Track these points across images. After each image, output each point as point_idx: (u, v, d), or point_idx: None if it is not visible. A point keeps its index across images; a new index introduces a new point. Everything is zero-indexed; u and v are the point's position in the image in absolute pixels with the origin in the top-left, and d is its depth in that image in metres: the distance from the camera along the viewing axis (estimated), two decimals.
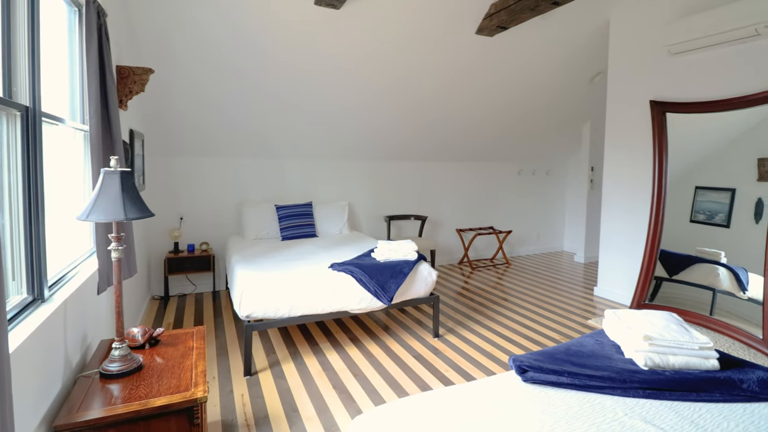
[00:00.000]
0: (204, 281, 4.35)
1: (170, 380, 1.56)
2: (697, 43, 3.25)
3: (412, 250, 3.24)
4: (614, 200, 4.19)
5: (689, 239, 3.51)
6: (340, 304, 2.83)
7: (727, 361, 1.72)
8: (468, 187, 5.84)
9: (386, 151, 5.08)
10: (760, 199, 3.05)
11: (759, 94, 3.00)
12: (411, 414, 1.40)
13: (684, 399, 1.50)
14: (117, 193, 1.50)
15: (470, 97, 4.61)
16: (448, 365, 2.77)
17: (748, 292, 3.11)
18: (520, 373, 1.62)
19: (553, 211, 6.57)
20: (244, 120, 4.03)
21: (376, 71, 3.91)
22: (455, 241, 5.78)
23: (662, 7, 3.64)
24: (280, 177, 4.67)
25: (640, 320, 1.83)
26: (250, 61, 3.48)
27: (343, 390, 2.45)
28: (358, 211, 5.15)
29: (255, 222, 4.20)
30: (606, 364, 1.67)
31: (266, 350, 2.96)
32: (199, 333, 2.00)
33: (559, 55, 4.41)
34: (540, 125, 5.49)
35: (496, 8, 3.55)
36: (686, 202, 3.54)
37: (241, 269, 2.92)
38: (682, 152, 3.57)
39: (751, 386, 1.54)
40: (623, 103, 4.05)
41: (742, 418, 1.41)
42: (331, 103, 4.14)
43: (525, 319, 3.64)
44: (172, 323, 3.47)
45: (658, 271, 3.67)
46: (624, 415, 1.41)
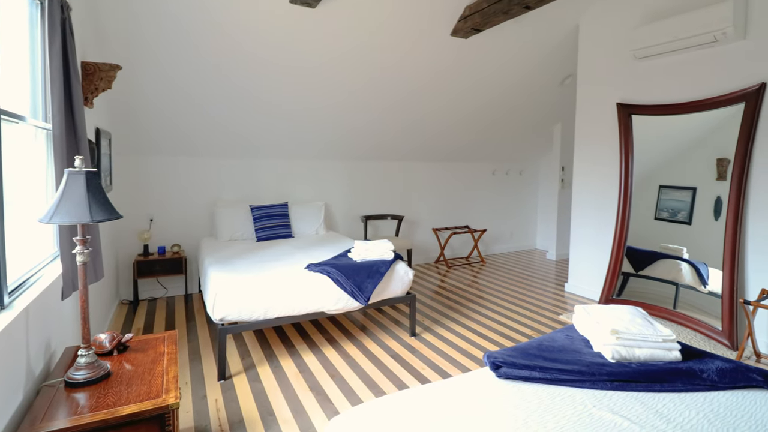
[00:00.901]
0: (175, 284, 4.24)
1: (140, 387, 1.51)
2: (660, 48, 3.39)
3: (388, 249, 3.25)
4: (584, 199, 4.32)
5: (654, 236, 3.66)
6: (317, 305, 2.81)
7: (688, 353, 1.80)
8: (444, 187, 5.91)
9: (363, 150, 5.07)
10: (718, 197, 3.21)
11: (718, 97, 3.16)
12: (387, 413, 1.41)
13: (649, 390, 1.56)
14: (82, 195, 1.45)
15: (446, 99, 4.66)
16: (424, 363, 2.80)
17: (709, 286, 3.27)
18: (494, 369, 1.65)
19: (526, 210, 6.72)
20: (216, 119, 3.95)
21: (352, 71, 3.90)
22: (432, 240, 5.83)
23: (628, 13, 3.78)
24: (255, 177, 4.60)
25: (608, 315, 1.89)
26: (222, 59, 3.41)
27: (320, 391, 2.44)
28: (334, 211, 5.13)
29: (229, 223, 4.12)
30: (576, 358, 1.73)
31: (241, 353, 2.91)
32: (171, 338, 1.95)
33: (531, 58, 4.51)
34: (514, 126, 5.60)
35: (471, 11, 3.61)
36: (651, 200, 3.69)
37: (215, 271, 2.86)
38: (647, 152, 3.71)
39: (710, 376, 1.62)
40: (592, 105, 4.18)
41: (703, 407, 1.48)
42: (306, 103, 4.10)
43: (499, 316, 3.71)
44: (142, 328, 3.36)
45: (625, 267, 3.82)
46: (593, 407, 1.46)
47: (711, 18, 3.03)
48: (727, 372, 1.63)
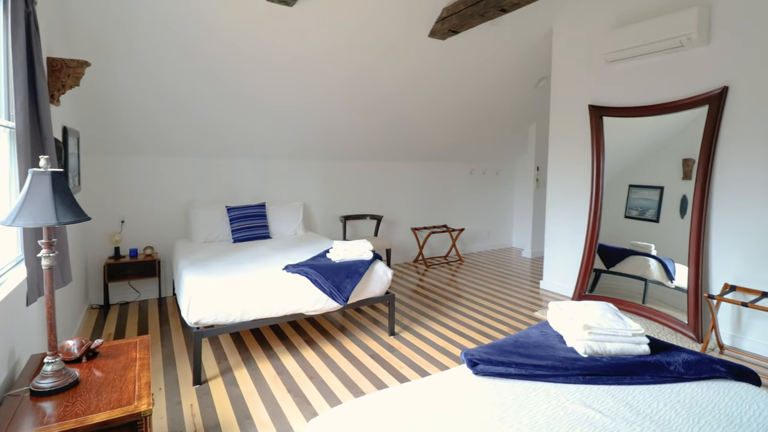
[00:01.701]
0: (148, 288, 4.12)
1: (111, 394, 1.47)
2: (629, 52, 3.50)
3: (367, 249, 3.25)
4: (557, 198, 4.43)
5: (624, 234, 3.79)
6: (295, 307, 2.78)
7: (656, 346, 1.87)
8: (422, 187, 5.95)
9: (342, 150, 5.06)
10: (684, 196, 3.34)
11: (683, 100, 3.29)
12: (366, 413, 1.41)
13: (619, 383, 1.62)
14: (47, 196, 1.39)
15: (424, 99, 4.69)
16: (403, 362, 2.81)
17: (675, 281, 3.40)
18: (471, 367, 1.68)
19: (502, 209, 6.84)
20: (190, 117, 3.86)
21: (330, 70, 3.88)
22: (410, 239, 5.87)
23: (599, 18, 3.90)
24: (231, 177, 4.52)
25: (580, 311, 1.95)
26: (197, 56, 3.34)
27: (298, 393, 2.42)
28: (313, 212, 5.09)
29: (204, 224, 4.04)
30: (550, 353, 1.77)
31: (217, 357, 2.86)
32: (143, 342, 1.90)
33: (507, 60, 4.59)
34: (491, 127, 5.69)
35: (448, 12, 3.65)
36: (621, 199, 3.81)
37: (189, 273, 2.80)
38: (617, 153, 3.84)
39: (677, 368, 1.69)
40: (565, 106, 4.29)
41: (670, 398, 1.54)
42: (284, 101, 4.06)
43: (477, 314, 3.76)
44: (113, 333, 3.26)
45: (597, 264, 3.93)
46: (566, 401, 1.50)
47: (677, 24, 3.15)
48: (693, 364, 1.70)
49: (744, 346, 3.03)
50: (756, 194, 2.94)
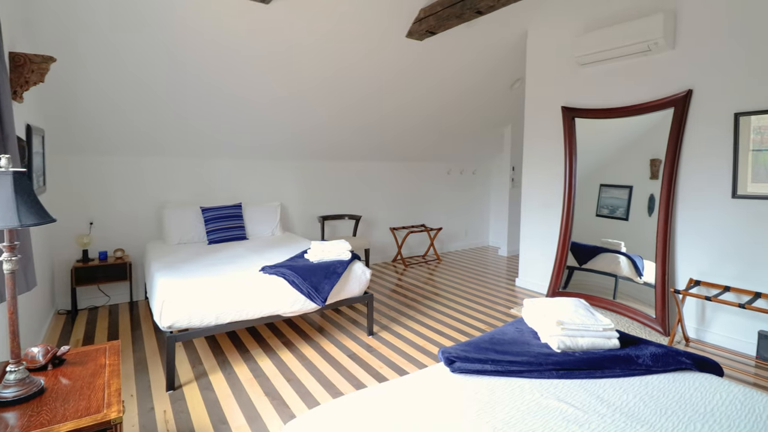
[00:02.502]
0: (119, 291, 3.99)
1: (78, 403, 1.41)
2: (600, 55, 3.60)
3: (345, 249, 3.24)
4: (532, 197, 4.52)
5: (595, 232, 3.90)
6: (272, 308, 2.75)
7: (626, 340, 1.94)
8: (401, 187, 5.97)
9: (320, 150, 5.02)
10: (652, 194, 3.47)
11: (650, 102, 3.41)
12: (344, 414, 1.41)
13: (591, 377, 1.66)
14: (9, 197, 1.33)
15: (403, 100, 4.71)
16: (382, 362, 2.82)
17: (644, 277, 3.52)
18: (449, 364, 1.69)
19: (479, 209, 6.94)
20: (163, 115, 3.75)
21: (307, 69, 3.85)
22: (389, 239, 5.88)
23: (572, 22, 4.00)
24: (206, 177, 4.43)
25: (554, 307, 2.00)
26: (170, 52, 3.25)
27: (275, 396, 2.39)
28: (291, 212, 5.04)
29: (178, 225, 3.94)
30: (525, 349, 1.81)
31: (191, 361, 2.80)
32: (113, 348, 1.84)
33: (483, 62, 4.66)
34: (467, 128, 5.76)
35: (425, 13, 3.68)
36: (592, 198, 3.92)
37: (162, 276, 2.73)
38: (589, 153, 3.94)
39: (645, 361, 1.75)
40: (539, 108, 4.39)
41: (639, 390, 1.60)
42: (261, 100, 4.00)
43: (455, 312, 3.80)
44: (82, 339, 3.14)
45: (570, 261, 4.04)
46: (540, 396, 1.53)
47: (644, 29, 3.26)
48: (660, 357, 1.77)
49: (708, 338, 3.16)
50: (717, 193, 3.08)
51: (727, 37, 2.99)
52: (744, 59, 2.92)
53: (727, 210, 3.04)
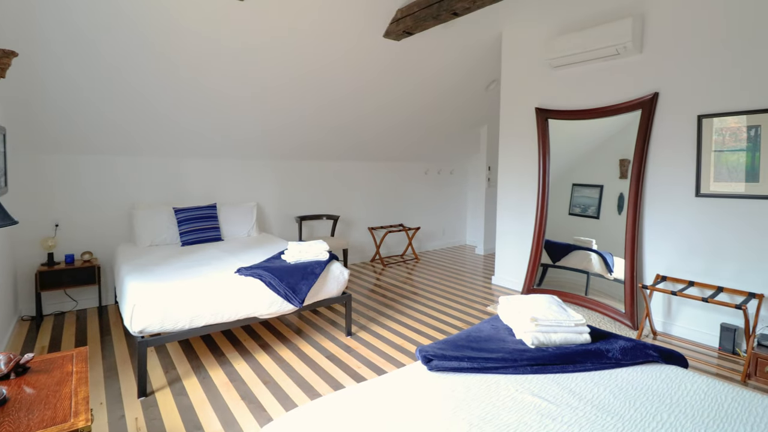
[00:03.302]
0: (87, 296, 3.85)
1: (43, 412, 1.36)
2: (572, 58, 3.70)
3: (323, 250, 3.22)
4: (507, 197, 4.60)
5: (568, 230, 4.00)
6: (249, 310, 2.71)
7: (597, 335, 2.00)
8: (379, 186, 5.98)
9: (296, 150, 4.97)
10: (621, 193, 3.58)
11: (619, 104, 3.52)
12: (321, 415, 1.40)
13: (563, 371, 1.71)
14: None
15: (380, 100, 4.71)
16: (360, 362, 2.81)
17: (614, 273, 3.63)
18: (426, 363, 1.71)
19: (456, 208, 7.02)
20: (133, 113, 3.64)
21: (282, 67, 3.80)
22: (367, 239, 5.88)
23: (544, 25, 4.09)
24: (179, 177, 4.32)
25: (528, 304, 2.04)
26: (141, 48, 3.16)
27: (252, 400, 2.35)
28: (267, 212, 4.97)
29: (149, 227, 3.83)
30: (500, 346, 1.84)
31: (164, 366, 2.72)
32: (80, 355, 1.77)
33: (460, 63, 4.71)
34: (444, 128, 5.82)
35: (402, 14, 3.69)
36: (565, 197, 4.02)
37: (133, 280, 2.65)
38: (562, 154, 4.04)
39: (614, 354, 1.81)
40: (513, 109, 4.47)
41: (609, 383, 1.65)
42: (235, 99, 3.93)
43: (432, 311, 3.83)
44: (47, 346, 3.02)
45: (544, 259, 4.13)
46: (515, 391, 1.56)
47: (613, 33, 3.36)
48: (629, 350, 1.83)
49: (674, 331, 3.29)
50: (682, 192, 3.21)
51: (692, 42, 3.11)
52: (707, 64, 3.05)
53: (691, 208, 3.17)
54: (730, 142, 2.96)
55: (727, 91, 2.95)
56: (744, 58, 2.87)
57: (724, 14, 2.94)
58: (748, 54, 2.85)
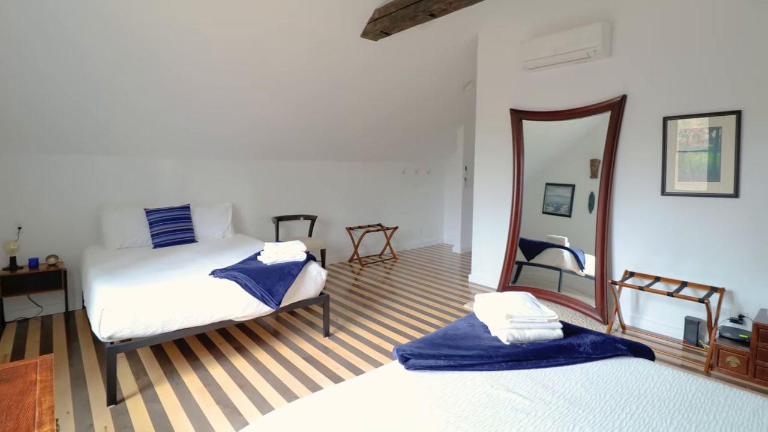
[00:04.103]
0: (53, 301, 3.70)
1: (5, 424, 1.29)
2: (545, 61, 3.78)
3: (300, 250, 3.19)
4: (483, 196, 4.67)
5: (542, 228, 4.10)
6: (224, 313, 2.65)
7: (569, 330, 2.05)
8: (357, 186, 5.96)
9: (273, 149, 4.91)
10: (592, 192, 3.69)
11: (590, 106, 3.62)
12: (298, 417, 1.39)
13: (537, 366, 1.75)
14: None
15: (358, 99, 4.70)
16: (338, 363, 2.80)
17: (585, 269, 3.74)
18: (403, 362, 1.71)
19: (433, 207, 7.07)
20: (100, 110, 3.50)
21: (257, 64, 3.74)
22: (345, 239, 5.86)
23: (519, 27, 4.17)
24: (150, 177, 4.19)
25: (503, 301, 2.08)
26: (106, 40, 3.04)
27: (227, 404, 2.31)
28: (243, 213, 4.89)
29: (119, 229, 3.70)
30: (476, 343, 1.86)
31: (135, 373, 2.64)
32: (45, 363, 1.70)
33: (437, 64, 4.75)
34: (422, 128, 5.85)
35: (380, 14, 3.69)
36: (539, 196, 4.11)
37: (101, 283, 2.55)
38: (535, 154, 4.13)
39: (585, 349, 1.86)
40: (489, 109, 4.54)
41: (580, 376, 1.70)
42: (209, 98, 3.84)
43: (410, 310, 3.85)
44: (10, 355, 2.88)
45: (519, 257, 4.22)
46: (491, 387, 1.59)
47: (584, 37, 3.46)
48: (599, 344, 1.88)
49: (642, 325, 3.42)
50: (649, 191, 3.33)
51: (658, 46, 3.24)
52: (671, 68, 3.17)
53: (657, 206, 3.29)
54: (693, 143, 3.09)
55: (690, 93, 3.08)
56: (705, 63, 3.00)
57: (687, 21, 3.07)
58: (709, 59, 2.98)
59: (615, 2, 3.45)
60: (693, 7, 3.04)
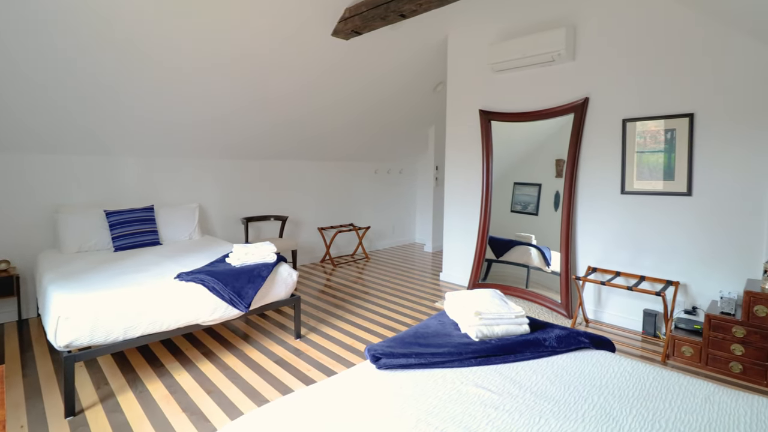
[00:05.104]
0: (5, 309, 3.48)
1: None
2: (511, 63, 3.87)
3: (270, 252, 3.14)
4: (454, 195, 4.74)
5: (510, 226, 4.20)
6: (190, 318, 2.58)
7: (535, 325, 2.11)
8: (329, 186, 5.92)
9: (241, 148, 4.80)
10: (557, 191, 3.81)
11: (555, 108, 3.74)
12: (268, 421, 1.37)
13: (504, 361, 1.79)
14: None
15: (329, 99, 4.67)
16: (310, 364, 2.78)
17: (551, 266, 3.86)
18: (375, 362, 1.72)
19: (405, 207, 7.12)
20: (54, 106, 3.32)
21: (221, 59, 3.65)
22: (317, 239, 5.81)
23: (487, 30, 4.25)
24: (110, 177, 4.02)
25: (472, 299, 2.11)
26: (61, 31, 2.89)
27: (194, 411, 2.24)
28: (211, 214, 4.76)
29: (77, 231, 3.53)
30: (446, 341, 1.89)
31: (95, 382, 2.53)
32: None
33: (408, 64, 4.78)
34: (393, 128, 5.88)
35: (350, 13, 3.68)
36: (508, 195, 4.21)
37: (57, 289, 2.43)
38: (504, 154, 4.23)
39: (551, 343, 1.92)
40: (459, 110, 4.61)
41: (546, 370, 1.75)
42: (172, 93, 3.71)
43: (383, 309, 3.86)
44: None
45: (489, 255, 4.30)
46: (461, 384, 1.61)
47: (549, 41, 3.57)
48: (563, 338, 1.95)
49: (604, 318, 3.56)
50: (609, 189, 3.47)
51: (617, 52, 3.37)
52: (629, 71, 3.32)
53: (617, 204, 3.43)
54: (650, 144, 3.24)
55: (647, 97, 3.23)
56: (661, 67, 3.15)
57: (643, 29, 3.22)
58: (664, 63, 3.14)
59: (578, 8, 3.58)
60: (648, 16, 3.19)
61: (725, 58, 2.87)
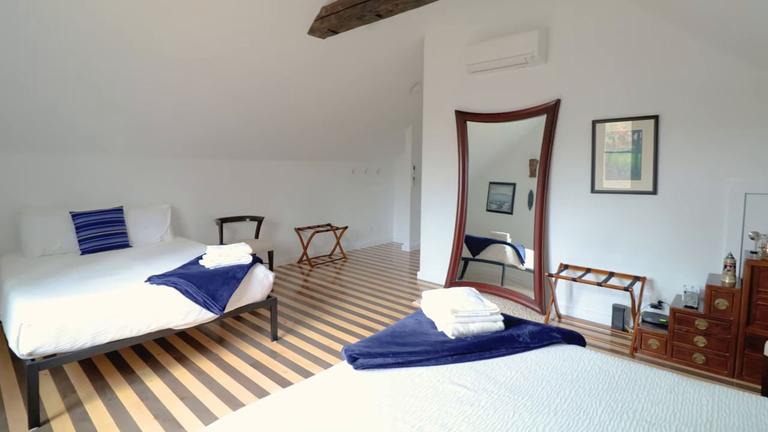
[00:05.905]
0: None
1: None
2: (487, 65, 3.93)
3: (246, 253, 3.09)
4: (430, 195, 4.78)
5: (486, 225, 4.26)
6: (162, 322, 2.51)
7: (509, 321, 2.14)
8: (306, 186, 5.87)
9: (216, 148, 4.70)
10: (531, 191, 3.89)
11: (528, 109, 3.82)
12: (243, 425, 1.35)
13: (480, 358, 1.82)
14: None
15: (305, 98, 4.63)
16: (287, 366, 2.75)
17: (525, 264, 3.94)
18: (352, 362, 1.71)
19: (383, 206, 7.13)
20: (15, 102, 3.18)
21: (195, 55, 3.55)
22: (294, 240, 5.75)
23: (463, 31, 4.30)
24: (77, 177, 3.86)
25: (448, 297, 2.14)
26: (23, 23, 2.76)
27: (167, 418, 2.18)
28: (184, 215, 4.65)
29: (40, 234, 3.38)
30: (423, 339, 1.90)
31: (62, 391, 2.43)
32: None
33: (385, 64, 4.78)
34: (371, 128, 5.87)
35: (327, 11, 3.66)
36: (483, 194, 4.28)
37: (19, 295, 2.32)
38: (479, 154, 4.29)
39: (524, 339, 1.96)
40: (435, 111, 4.65)
41: (520, 365, 1.79)
42: (143, 89, 3.60)
43: (361, 309, 3.86)
44: None
45: (465, 253, 4.36)
46: (437, 381, 1.63)
47: (522, 43, 3.64)
48: (536, 334, 1.99)
49: (575, 313, 3.66)
50: (580, 189, 3.57)
51: (587, 55, 3.47)
52: (599, 74, 3.42)
53: (587, 203, 3.54)
54: (618, 145, 3.35)
55: (615, 99, 3.34)
56: (629, 71, 3.26)
57: (612, 33, 3.33)
58: (632, 67, 3.25)
59: (550, 12, 3.66)
60: (617, 21, 3.30)
61: (688, 62, 3.00)
